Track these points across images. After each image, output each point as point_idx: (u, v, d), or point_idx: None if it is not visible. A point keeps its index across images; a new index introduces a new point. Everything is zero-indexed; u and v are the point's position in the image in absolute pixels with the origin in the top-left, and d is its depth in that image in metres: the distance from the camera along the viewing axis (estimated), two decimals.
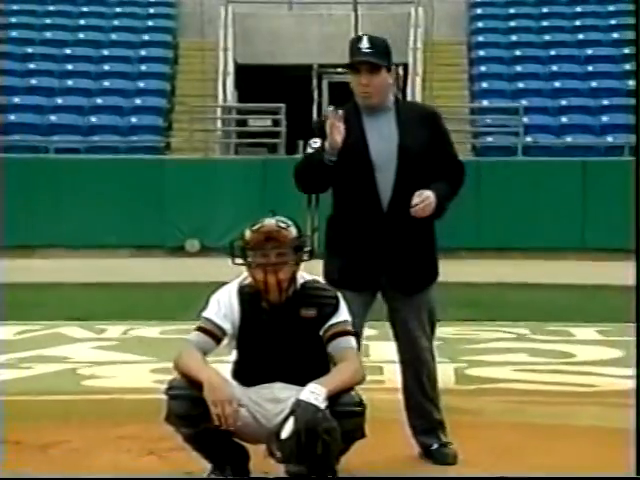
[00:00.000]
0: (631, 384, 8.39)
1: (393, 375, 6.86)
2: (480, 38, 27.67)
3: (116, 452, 5.88)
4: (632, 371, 8.88)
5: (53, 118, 24.65)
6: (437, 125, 5.74)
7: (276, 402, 4.86)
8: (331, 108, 5.39)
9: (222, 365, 5.04)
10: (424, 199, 5.37)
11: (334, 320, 4.97)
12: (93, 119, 24.77)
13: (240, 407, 4.75)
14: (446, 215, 5.54)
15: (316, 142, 5.52)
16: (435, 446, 5.67)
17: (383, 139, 5.52)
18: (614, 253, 21.08)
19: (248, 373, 4.99)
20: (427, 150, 5.55)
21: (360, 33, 5.45)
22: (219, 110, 26.17)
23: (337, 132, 5.27)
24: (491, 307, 13.29)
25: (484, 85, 26.09)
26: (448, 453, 5.65)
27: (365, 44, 5.50)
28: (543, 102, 25.16)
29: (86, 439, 6.20)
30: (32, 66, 26.19)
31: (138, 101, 25.55)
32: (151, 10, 28.92)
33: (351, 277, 5.26)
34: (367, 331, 5.64)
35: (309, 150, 5.56)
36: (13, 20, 27.66)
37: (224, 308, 4.99)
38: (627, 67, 25.82)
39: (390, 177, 5.49)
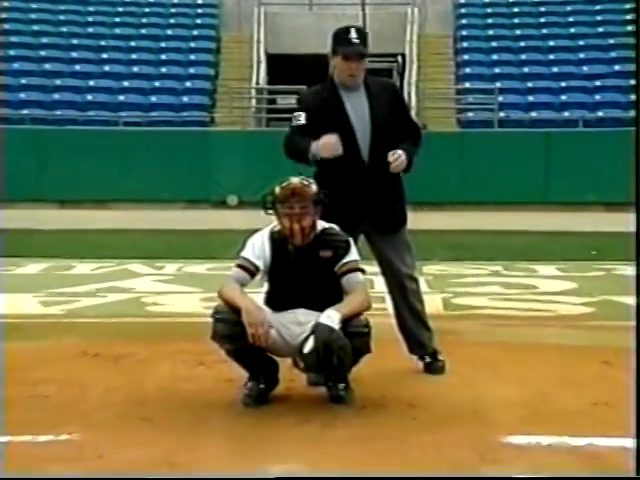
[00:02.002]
0: (583, 310, 8.42)
1: None
2: (464, 32, 27.55)
3: (173, 363, 5.91)
4: (583, 300, 8.91)
5: (121, 97, 24.66)
6: (397, 95, 5.70)
7: (299, 324, 4.87)
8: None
9: (257, 295, 5.05)
10: (397, 157, 5.32)
11: (346, 259, 4.96)
12: (153, 98, 24.76)
13: (271, 328, 4.76)
14: (436, 176, 5.53)
15: (300, 116, 5.41)
16: (427, 359, 5.66)
17: (359, 109, 5.41)
18: (571, 206, 21.09)
19: (277, 301, 4.99)
20: (392, 116, 5.46)
21: (347, 25, 5.23)
22: (253, 91, 26.11)
23: (333, 148, 5.18)
24: (471, 249, 13.26)
25: (467, 70, 25.99)
26: (437, 366, 5.65)
27: (354, 35, 5.33)
28: (514, 84, 25.05)
29: (149, 352, 6.23)
30: (105, 56, 26.18)
31: (188, 84, 25.53)
32: (199, 10, 28.90)
33: (339, 222, 5.18)
34: (373, 268, 5.63)
35: (294, 123, 5.43)
36: (89, 19, 27.66)
37: (258, 249, 4.98)
38: (581, 55, 25.72)
39: (367, 139, 5.39)
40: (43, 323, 7.62)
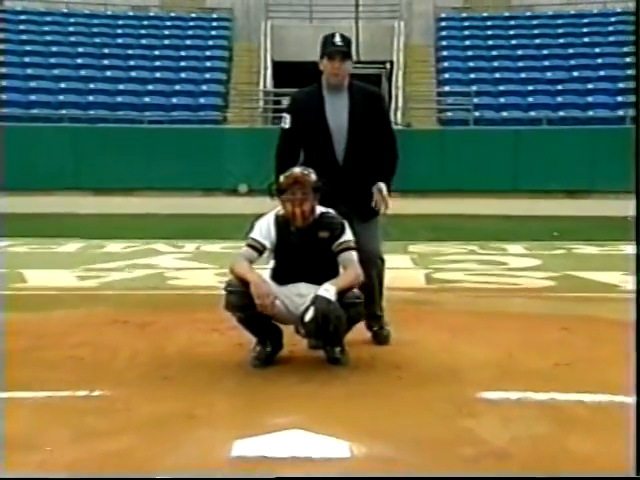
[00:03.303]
0: (547, 283, 8.42)
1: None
2: (444, 43, 27.46)
3: (191, 329, 5.91)
4: (547, 274, 8.91)
5: (146, 99, 24.59)
6: (377, 102, 5.44)
7: (301, 296, 4.86)
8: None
9: (264, 270, 5.05)
10: (380, 197, 5.23)
11: (341, 239, 4.95)
12: (174, 100, 24.69)
13: (276, 299, 4.76)
14: (420, 167, 5.43)
15: (286, 119, 5.36)
16: (375, 328, 5.49)
17: (337, 112, 5.28)
18: (537, 193, 21.09)
19: (282, 276, 4.99)
20: (370, 122, 5.29)
21: (333, 32, 5.14)
22: (261, 93, 26.05)
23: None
24: (451, 231, 13.27)
25: (446, 76, 25.91)
26: (382, 334, 5.46)
27: (338, 39, 5.24)
28: (488, 88, 24.98)
29: (171, 320, 6.23)
30: (132, 63, 26.09)
31: (204, 87, 25.45)
32: (214, 24, 28.79)
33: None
34: None
35: (282, 124, 5.38)
36: (119, 31, 27.59)
37: (264, 231, 4.97)
38: (545, 63, 25.67)
39: (343, 140, 5.26)
40: (79, 294, 7.62)
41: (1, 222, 12.47)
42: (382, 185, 5.29)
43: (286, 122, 5.38)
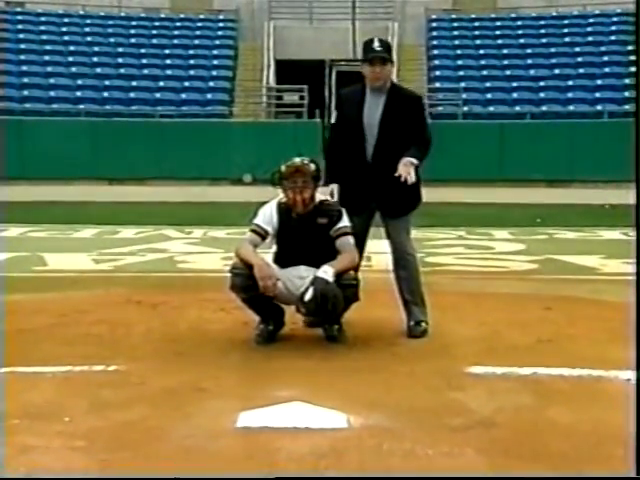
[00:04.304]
0: (530, 266, 8.41)
1: (378, 262, 6.87)
2: (434, 42, 27.39)
3: (200, 309, 5.90)
4: (530, 258, 8.90)
5: (158, 95, 24.53)
6: (416, 107, 5.25)
7: (301, 278, 4.85)
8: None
9: (267, 254, 5.04)
10: (407, 167, 4.98)
11: (339, 225, 4.93)
12: (183, 96, 24.63)
13: (277, 281, 4.75)
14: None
15: (333, 114, 5.28)
16: (411, 323, 5.21)
17: (372, 112, 5.13)
18: (520, 182, 21.06)
19: (283, 259, 4.98)
20: (403, 123, 5.11)
21: (371, 37, 5.01)
22: (264, 90, 25.98)
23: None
24: (441, 217, 13.23)
25: (437, 73, 25.86)
26: (418, 329, 5.16)
27: (377, 44, 5.08)
28: (475, 84, 24.93)
29: (181, 300, 6.22)
30: (144, 61, 26.01)
31: (212, 84, 25.39)
32: (220, 24, 28.68)
33: (349, 205, 5.10)
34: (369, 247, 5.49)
35: (332, 120, 5.30)
36: (132, 32, 27.50)
37: (267, 217, 4.96)
38: (529, 61, 25.61)
39: (374, 138, 5.13)
40: (95, 277, 7.62)
41: (21, 210, 12.45)
42: (412, 159, 5.05)
43: (333, 117, 5.32)
